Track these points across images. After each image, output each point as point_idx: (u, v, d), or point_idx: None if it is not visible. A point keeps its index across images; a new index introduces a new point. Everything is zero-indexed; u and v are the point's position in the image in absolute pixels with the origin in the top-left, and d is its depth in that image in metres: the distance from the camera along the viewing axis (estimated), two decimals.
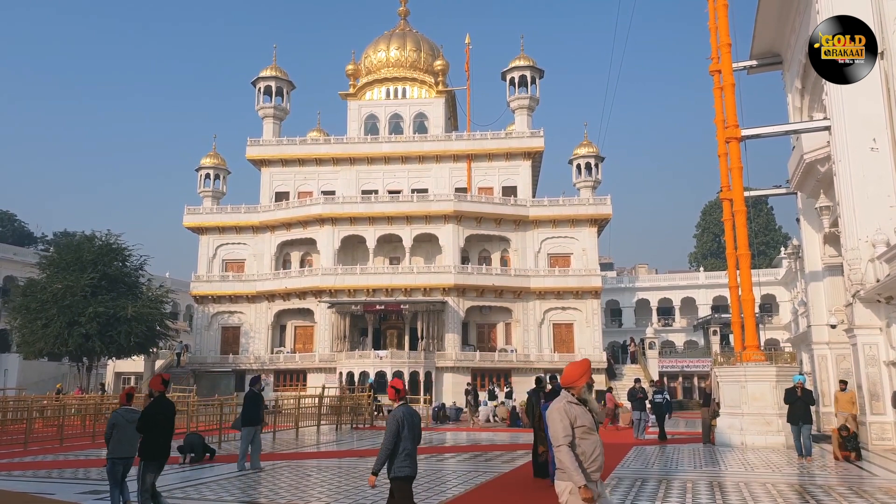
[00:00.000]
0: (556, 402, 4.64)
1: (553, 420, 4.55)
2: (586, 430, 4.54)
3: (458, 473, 12.45)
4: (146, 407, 7.74)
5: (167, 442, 7.53)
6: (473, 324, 39.99)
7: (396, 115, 44.19)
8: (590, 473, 4.48)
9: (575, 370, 4.73)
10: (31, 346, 32.63)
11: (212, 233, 42.28)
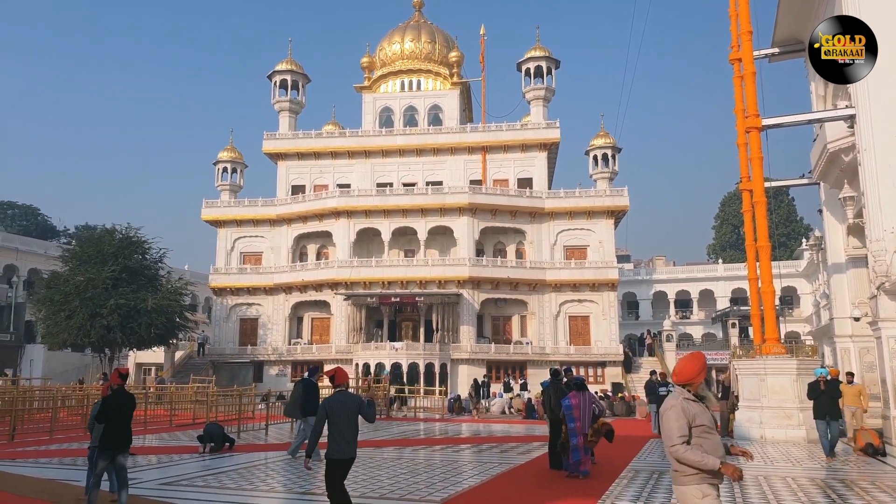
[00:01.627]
0: (672, 400, 4.32)
1: (668, 419, 4.24)
2: (706, 429, 4.24)
3: (474, 464, 12.45)
4: (104, 398, 8.06)
5: (125, 432, 7.85)
6: (488, 316, 39.94)
7: (411, 107, 44.12)
8: (714, 478, 4.18)
9: (692, 365, 4.40)
10: (55, 337, 33.09)
11: (230, 226, 42.59)
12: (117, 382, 8.14)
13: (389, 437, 17.49)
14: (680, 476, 4.25)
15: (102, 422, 7.79)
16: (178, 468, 11.69)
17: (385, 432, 18.70)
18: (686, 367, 4.41)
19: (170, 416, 20.78)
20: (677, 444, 4.16)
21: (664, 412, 4.31)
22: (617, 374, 37.23)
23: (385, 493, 9.29)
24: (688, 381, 4.38)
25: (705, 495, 4.15)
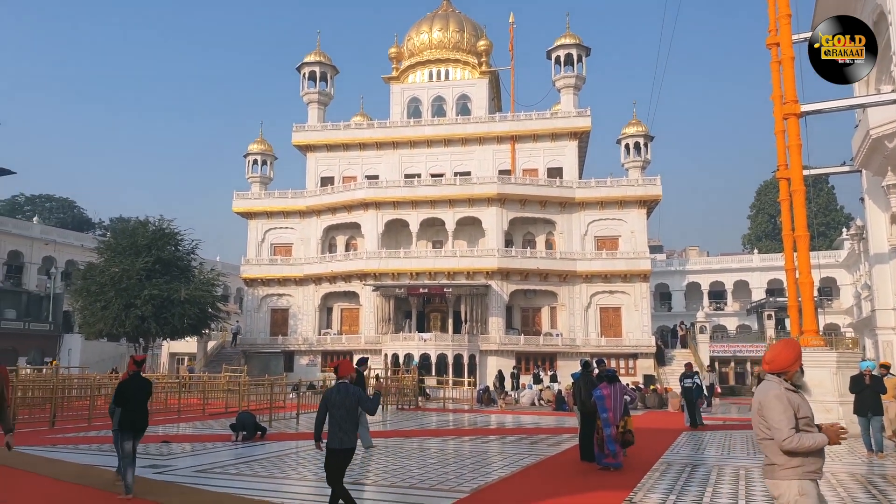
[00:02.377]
0: (774, 389, 4.03)
1: (774, 409, 3.96)
2: (808, 422, 3.97)
3: (504, 455, 12.37)
4: (121, 383, 8.49)
5: (141, 415, 8.21)
6: (518, 307, 39.71)
7: (439, 97, 43.93)
8: (814, 472, 3.95)
9: (787, 352, 4.12)
10: (92, 327, 33.84)
11: (260, 218, 43.01)
12: (133, 369, 8.54)
13: (419, 428, 17.49)
14: (779, 470, 3.99)
15: (119, 405, 8.17)
16: (211, 456, 11.82)
17: (414, 422, 18.70)
18: (781, 355, 4.13)
19: (203, 405, 21.07)
20: (790, 436, 3.87)
21: (765, 402, 4.03)
22: (649, 366, 36.75)
23: (415, 483, 9.27)
24: (783, 369, 4.10)
25: (803, 493, 3.91)
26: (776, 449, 3.96)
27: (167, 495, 8.16)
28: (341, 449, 6.48)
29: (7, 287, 44.90)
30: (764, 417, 4.03)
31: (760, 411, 4.07)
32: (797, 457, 3.93)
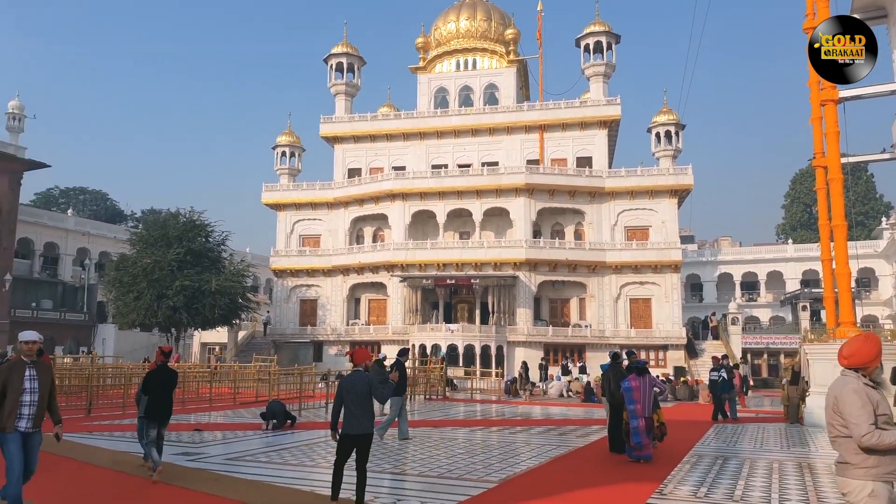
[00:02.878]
0: (852, 384, 3.86)
1: (852, 404, 3.78)
2: (888, 419, 3.78)
3: (532, 446, 12.27)
4: (149, 373, 8.97)
5: (167, 404, 8.64)
6: (546, 298, 39.48)
7: (466, 87, 43.69)
8: (890, 474, 3.77)
9: (868, 347, 3.93)
10: (125, 317, 34.49)
11: (289, 209, 43.37)
12: (160, 359, 8.96)
13: (446, 418, 17.48)
14: (852, 469, 3.81)
15: (147, 394, 8.60)
16: (242, 444, 11.94)
17: (441, 413, 18.70)
18: (862, 350, 3.94)
19: (234, 394, 21.33)
20: (869, 432, 3.70)
21: (843, 396, 3.84)
22: (679, 358, 36.30)
23: (443, 473, 9.24)
24: (862, 364, 3.92)
25: (874, 496, 3.73)
26: (851, 447, 3.79)
27: (200, 482, 8.25)
28: (354, 435, 6.64)
29: (43, 278, 46.04)
30: (840, 413, 3.84)
31: (836, 406, 3.88)
32: (873, 456, 3.75)
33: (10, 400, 5.94)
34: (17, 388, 5.96)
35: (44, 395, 6.12)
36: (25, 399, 5.99)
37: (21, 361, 6.13)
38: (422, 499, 7.68)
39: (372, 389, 6.72)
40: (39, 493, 7.57)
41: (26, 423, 6.00)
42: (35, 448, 6.12)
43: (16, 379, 6.01)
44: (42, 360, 6.30)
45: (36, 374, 6.12)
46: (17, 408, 5.94)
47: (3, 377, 6.01)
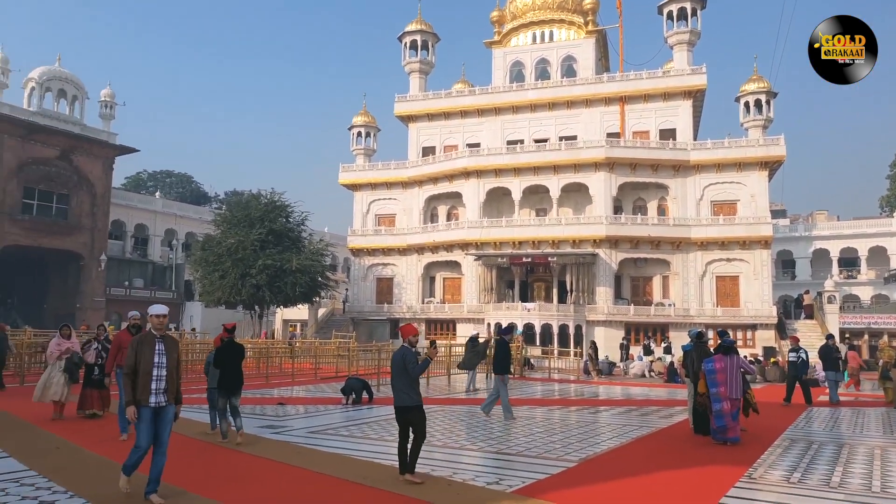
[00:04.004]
0: None
1: None
2: None
3: (612, 427, 11.93)
4: (218, 349, 9.64)
5: (236, 376, 9.27)
6: (627, 276, 38.31)
7: (543, 59, 42.59)
8: None
9: None
10: (211, 295, 35.87)
11: (364, 189, 43.83)
12: (225, 336, 9.66)
13: (523, 397, 17.19)
14: None
15: (218, 368, 9.31)
16: (323, 418, 12.09)
17: (519, 392, 18.41)
18: None
19: (314, 370, 21.74)
20: None
21: None
22: (769, 338, 34.49)
23: (521, 451, 9.07)
24: None
25: None
26: None
27: (284, 455, 8.38)
28: (398, 406, 7.04)
29: (135, 258, 48.63)
30: None
31: None
32: None
33: (142, 373, 5.94)
34: (149, 361, 5.96)
35: (171, 369, 6.10)
36: (155, 373, 5.98)
37: (150, 335, 6.13)
38: (500, 475, 7.53)
39: (407, 364, 7.01)
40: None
41: (156, 398, 5.97)
42: (168, 421, 6.07)
43: (147, 352, 6.00)
44: (169, 335, 6.30)
45: (164, 348, 6.10)
46: (150, 382, 5.93)
47: (135, 351, 6.01)
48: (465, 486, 6.98)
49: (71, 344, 11.15)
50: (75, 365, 10.89)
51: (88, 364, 10.70)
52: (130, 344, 6.12)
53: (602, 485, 7.28)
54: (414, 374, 7.08)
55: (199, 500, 6.15)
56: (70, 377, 10.76)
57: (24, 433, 9.69)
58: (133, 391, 5.94)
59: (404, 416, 7.02)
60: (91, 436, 9.29)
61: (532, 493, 6.70)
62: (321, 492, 6.73)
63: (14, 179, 38.26)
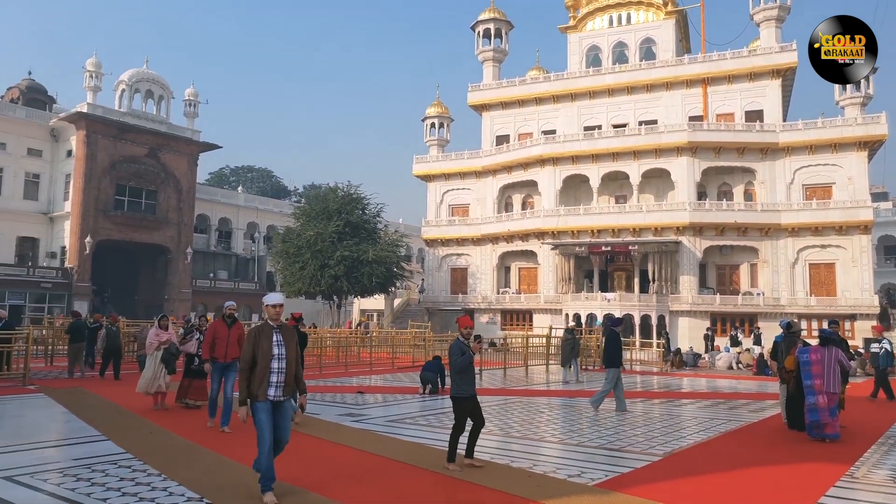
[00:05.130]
0: None
1: None
2: None
3: (698, 420, 11.50)
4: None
5: None
6: (712, 265, 36.74)
7: (620, 43, 41.26)
8: None
9: None
10: (292, 286, 36.89)
11: (438, 179, 43.89)
12: (292, 324, 9.72)
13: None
14: None
15: None
16: (400, 407, 12.18)
17: (599, 384, 17.91)
18: None
19: (392, 359, 21.95)
20: None
21: None
22: (871, 329, 32.26)
23: (603, 444, 8.83)
24: None
25: None
26: None
27: (364, 442, 8.47)
28: (453, 396, 7.23)
29: (219, 251, 50.71)
30: None
31: None
32: None
33: (260, 366, 5.65)
34: (267, 353, 5.65)
35: (291, 360, 5.78)
36: (274, 366, 5.66)
37: (268, 325, 5.81)
38: (581, 468, 7.32)
39: (450, 355, 7.25)
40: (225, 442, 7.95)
41: (275, 391, 5.65)
42: (287, 417, 5.81)
43: (265, 343, 5.69)
44: (286, 324, 6.00)
45: (282, 338, 5.78)
46: (267, 375, 5.64)
47: (252, 343, 5.72)
48: (545, 478, 6.82)
49: (169, 335, 11.38)
50: (172, 356, 11.08)
51: (189, 354, 10.83)
52: (247, 336, 5.85)
53: (689, 480, 6.97)
54: (455, 366, 7.16)
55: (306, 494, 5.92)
56: (167, 367, 10.96)
57: (122, 419, 10.16)
58: (248, 386, 5.65)
59: (460, 405, 7.15)
60: (186, 423, 9.58)
61: (615, 486, 6.49)
62: (405, 479, 6.66)
63: (107, 177, 40.60)
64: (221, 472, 6.71)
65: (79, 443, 8.15)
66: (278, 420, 5.71)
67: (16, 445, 7.94)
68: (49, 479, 6.28)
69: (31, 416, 10.49)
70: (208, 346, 9.26)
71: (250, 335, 5.80)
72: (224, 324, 9.26)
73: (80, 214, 39.19)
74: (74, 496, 5.66)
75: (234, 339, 9.17)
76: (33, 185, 41.69)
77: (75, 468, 6.68)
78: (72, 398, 11.78)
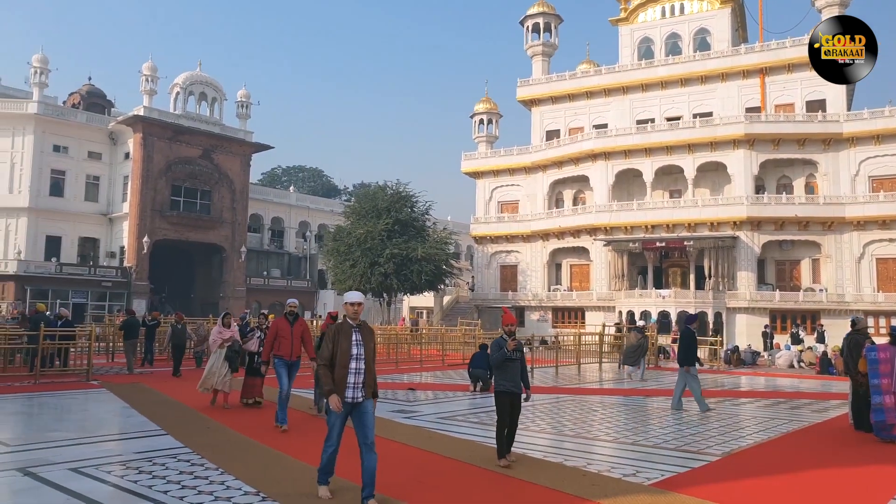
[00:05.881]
0: None
1: None
2: None
3: (757, 420, 11.16)
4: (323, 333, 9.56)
5: None
6: (771, 260, 35.53)
7: (673, 34, 40.24)
8: None
9: None
10: (343, 283, 37.35)
11: (487, 176, 43.72)
12: (329, 322, 10.16)
13: (658, 388, 16.36)
14: None
15: None
16: (451, 404, 12.19)
17: (654, 382, 17.59)
18: None
19: (442, 356, 21.98)
20: None
21: None
22: None
23: (658, 443, 8.61)
24: None
25: None
26: None
27: (416, 439, 8.50)
28: (497, 391, 7.31)
29: (272, 249, 51.81)
30: None
31: None
32: None
33: (339, 365, 5.50)
34: (346, 352, 5.50)
35: (369, 360, 5.61)
36: (352, 366, 5.49)
37: (347, 324, 5.65)
38: (636, 467, 7.17)
39: (490, 351, 7.39)
40: (286, 441, 8.09)
41: (353, 392, 5.47)
42: (370, 416, 5.54)
43: (344, 342, 5.54)
44: (366, 323, 5.86)
45: (361, 338, 5.61)
46: (346, 375, 5.47)
47: (331, 341, 5.58)
48: (599, 476, 6.70)
49: (232, 332, 11.31)
50: (235, 353, 11.03)
51: (250, 352, 10.81)
52: (326, 334, 5.74)
53: (748, 481, 6.75)
54: (492, 361, 7.29)
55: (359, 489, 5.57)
56: (230, 365, 10.91)
57: (180, 414, 10.43)
58: (332, 379, 5.52)
59: (499, 399, 7.25)
60: (242, 420, 9.70)
61: (672, 486, 6.34)
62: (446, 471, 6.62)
63: (163, 178, 41.90)
64: (278, 467, 6.80)
65: (139, 437, 8.40)
66: (361, 420, 5.48)
67: (81, 438, 8.27)
68: (112, 471, 6.49)
69: (94, 411, 10.90)
70: (270, 343, 9.20)
71: (329, 334, 5.68)
72: (287, 321, 9.26)
73: (138, 215, 40.54)
74: (137, 488, 5.82)
75: (297, 336, 9.19)
76: (93, 187, 43.30)
77: (137, 461, 6.88)
78: (132, 394, 12.17)
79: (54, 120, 41.49)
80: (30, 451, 7.32)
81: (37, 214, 40.37)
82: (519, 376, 7.23)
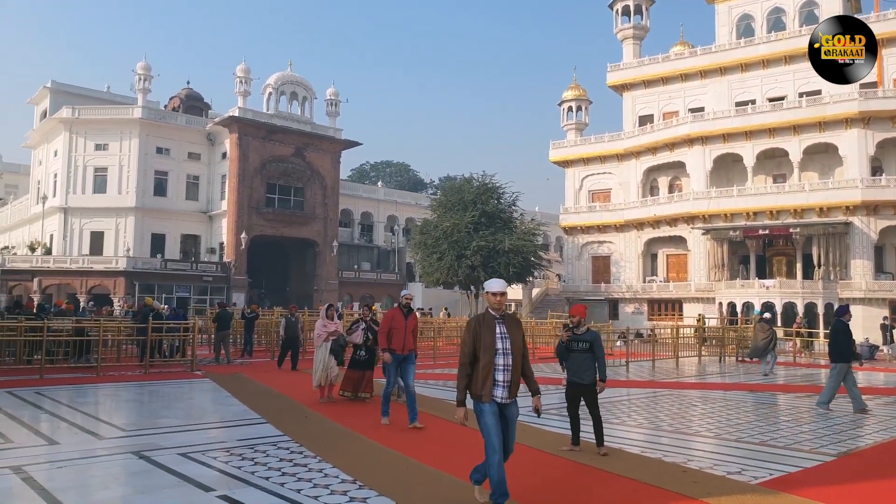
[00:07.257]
0: None
1: None
2: None
3: (876, 418, 10.30)
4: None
5: None
6: (891, 247, 32.93)
7: (777, 9, 37.84)
8: None
9: None
10: (430, 276, 37.72)
11: (576, 165, 42.86)
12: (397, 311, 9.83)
13: (765, 382, 15.49)
14: None
15: None
16: (543, 398, 11.87)
17: (758, 377, 16.66)
18: None
19: (532, 349, 21.74)
20: None
21: None
22: None
23: (765, 441, 8.17)
24: None
25: None
26: None
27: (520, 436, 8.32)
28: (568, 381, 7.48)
29: (362, 243, 53.07)
30: None
31: None
32: None
33: (483, 361, 4.94)
34: (490, 346, 4.93)
35: (517, 355, 5.03)
36: (499, 362, 4.94)
37: (489, 315, 5.09)
38: (742, 465, 6.77)
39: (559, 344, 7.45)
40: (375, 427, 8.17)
41: (502, 392, 4.94)
42: (513, 422, 5.06)
43: (487, 335, 4.96)
44: (513, 315, 5.39)
45: (506, 330, 5.03)
46: (492, 372, 4.93)
47: (472, 334, 5.01)
48: (701, 473, 6.39)
49: (336, 325, 11.14)
50: (341, 347, 10.86)
51: (355, 345, 10.51)
52: (467, 327, 5.16)
53: (867, 484, 6.27)
54: (556, 353, 7.49)
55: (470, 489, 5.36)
56: (336, 359, 10.77)
57: (280, 404, 10.80)
58: (467, 385, 5.01)
59: (568, 390, 7.46)
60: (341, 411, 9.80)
61: (782, 486, 5.94)
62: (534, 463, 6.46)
63: (258, 176, 43.73)
64: (374, 457, 6.88)
65: (241, 425, 8.74)
66: (504, 425, 4.99)
67: (188, 425, 8.72)
68: (217, 457, 6.78)
69: (199, 399, 11.48)
70: (384, 335, 8.77)
71: (470, 326, 5.11)
72: (401, 313, 8.76)
73: (236, 212, 42.49)
74: (241, 474, 6.05)
75: (410, 330, 8.75)
76: (193, 187, 45.72)
77: (239, 448, 7.17)
78: (234, 383, 12.71)
79: (157, 123, 44.04)
80: (142, 437, 7.78)
81: (143, 213, 43.05)
82: (584, 368, 7.27)
